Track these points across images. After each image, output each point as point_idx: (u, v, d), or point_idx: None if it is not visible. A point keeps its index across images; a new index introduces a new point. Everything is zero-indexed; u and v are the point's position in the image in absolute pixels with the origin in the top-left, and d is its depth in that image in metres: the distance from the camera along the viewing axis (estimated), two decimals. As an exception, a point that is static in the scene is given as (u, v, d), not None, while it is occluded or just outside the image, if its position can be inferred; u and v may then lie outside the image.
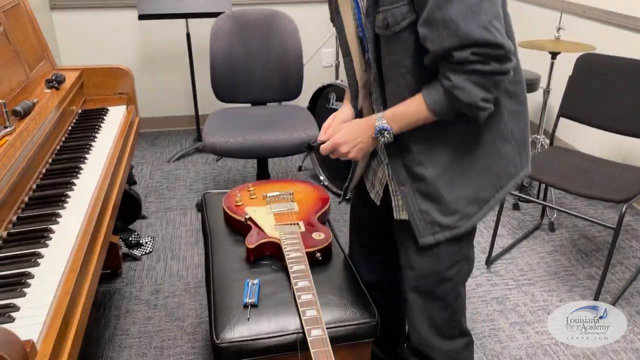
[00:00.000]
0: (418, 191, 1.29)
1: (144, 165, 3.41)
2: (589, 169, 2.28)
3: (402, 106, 1.22)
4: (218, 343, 1.32)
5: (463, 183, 1.27)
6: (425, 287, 1.37)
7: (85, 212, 1.37)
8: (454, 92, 1.12)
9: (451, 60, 1.10)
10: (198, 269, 2.43)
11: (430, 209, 1.28)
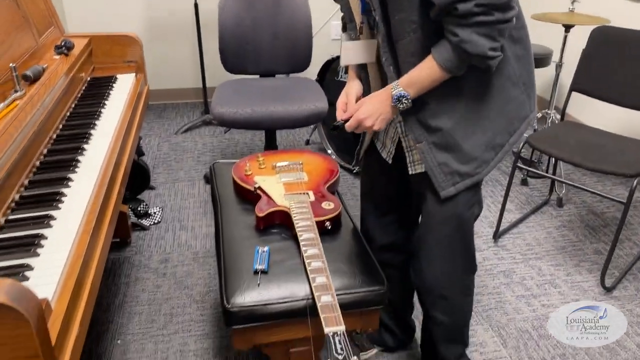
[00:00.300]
0: (435, 144, 1.33)
1: (151, 137, 3.40)
2: (600, 143, 2.26)
3: (416, 70, 1.25)
4: (229, 307, 1.33)
5: (479, 130, 1.31)
6: (444, 230, 1.44)
7: (97, 176, 1.37)
8: (463, 46, 1.15)
9: (455, 13, 1.13)
10: (206, 239, 2.44)
11: (449, 160, 1.33)
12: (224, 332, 1.94)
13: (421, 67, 1.24)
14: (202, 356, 1.84)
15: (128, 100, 1.90)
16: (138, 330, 1.95)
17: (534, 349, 1.89)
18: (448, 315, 1.55)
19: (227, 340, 1.91)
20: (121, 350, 1.86)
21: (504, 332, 1.96)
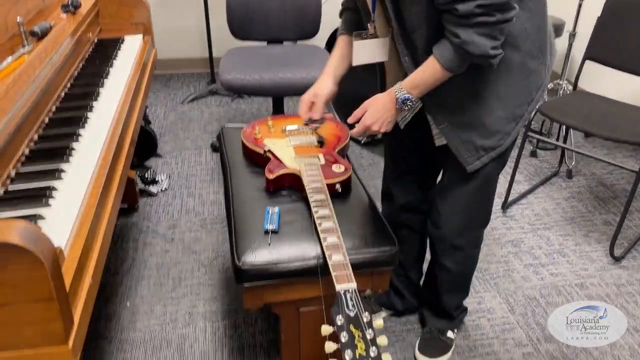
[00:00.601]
0: (457, 124, 1.35)
1: (157, 106, 3.38)
2: (613, 112, 2.23)
3: (419, 72, 1.26)
4: (240, 265, 1.33)
5: (500, 105, 1.32)
6: (471, 185, 1.46)
7: (107, 132, 1.36)
8: (465, 47, 1.16)
9: (456, 14, 1.14)
10: (214, 206, 2.44)
11: (473, 137, 1.35)
12: (232, 296, 1.95)
13: (424, 68, 1.25)
14: (211, 318, 1.85)
15: (136, 61, 1.87)
16: (147, 293, 1.95)
17: (541, 316, 1.89)
18: (458, 265, 1.61)
19: (235, 303, 1.92)
20: (131, 312, 1.87)
21: (512, 300, 1.96)
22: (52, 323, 0.82)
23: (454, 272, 1.62)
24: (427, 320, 1.78)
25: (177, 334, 1.79)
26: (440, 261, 1.62)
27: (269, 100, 3.46)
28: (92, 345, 1.74)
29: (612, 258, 2.15)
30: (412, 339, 1.79)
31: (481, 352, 1.75)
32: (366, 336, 1.14)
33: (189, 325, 1.83)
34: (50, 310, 0.81)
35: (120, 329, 1.81)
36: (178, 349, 1.73)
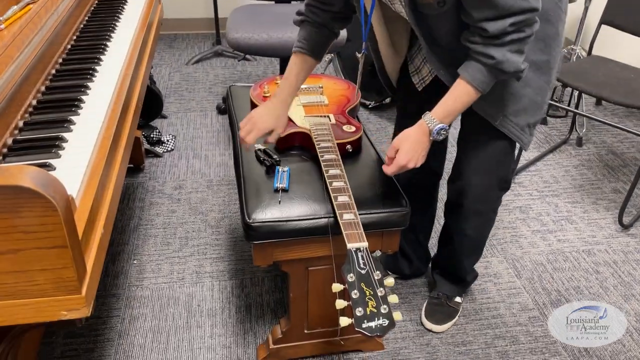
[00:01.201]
0: (486, 98, 1.28)
1: (162, 67, 3.33)
2: (628, 78, 2.19)
3: (450, 100, 1.21)
4: (250, 222, 1.32)
5: (537, 83, 1.31)
6: (497, 147, 1.42)
7: (115, 86, 1.33)
8: (499, 67, 1.13)
9: (485, 34, 1.10)
10: (220, 167, 2.42)
11: (501, 112, 1.33)
12: (239, 256, 1.95)
13: (455, 96, 1.21)
14: (218, 278, 1.86)
15: (143, 16, 1.83)
16: (154, 251, 1.95)
17: (547, 281, 1.89)
18: (477, 229, 1.60)
19: (242, 263, 1.92)
20: (138, 270, 1.87)
21: (519, 265, 1.96)
22: (65, 270, 0.81)
23: (472, 237, 1.61)
24: (437, 284, 1.77)
25: (184, 292, 1.80)
26: (460, 226, 1.59)
27: (275, 63, 3.41)
28: (99, 301, 1.75)
29: (620, 226, 2.14)
30: (419, 301, 1.79)
31: (487, 315, 1.76)
32: (377, 294, 1.13)
33: (196, 283, 1.83)
34: (64, 258, 0.80)
35: (127, 286, 1.81)
36: (185, 307, 1.74)
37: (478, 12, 1.09)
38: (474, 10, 1.10)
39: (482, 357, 1.62)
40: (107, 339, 1.63)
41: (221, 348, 1.61)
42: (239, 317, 1.72)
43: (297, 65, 1.42)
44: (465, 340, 1.66)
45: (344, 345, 1.61)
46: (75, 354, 1.58)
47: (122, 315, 1.71)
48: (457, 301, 1.75)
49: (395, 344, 1.65)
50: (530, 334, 1.70)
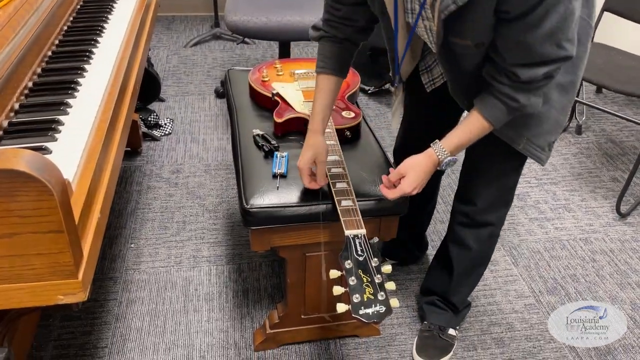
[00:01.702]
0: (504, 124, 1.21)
1: (160, 49, 3.30)
2: (630, 66, 2.17)
3: (463, 133, 1.17)
4: (248, 208, 1.32)
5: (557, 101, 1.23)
6: (508, 164, 1.37)
7: (112, 68, 1.31)
8: (522, 110, 1.12)
9: (516, 78, 1.06)
10: (218, 152, 2.41)
11: (524, 136, 1.26)
12: (236, 241, 1.95)
13: (470, 129, 1.16)
14: (215, 262, 1.86)
15: (140, -2, 1.80)
16: (151, 235, 1.95)
17: (544, 269, 1.90)
18: (481, 243, 1.49)
19: (240, 248, 1.92)
20: (135, 254, 1.87)
21: (516, 252, 1.96)
22: (62, 255, 0.81)
23: (473, 252, 1.50)
24: (428, 315, 1.64)
25: (181, 276, 1.80)
26: (461, 238, 1.49)
27: (274, 47, 3.38)
28: (96, 285, 1.75)
29: (617, 214, 2.14)
30: (415, 288, 1.80)
31: (483, 302, 1.77)
32: (374, 281, 1.13)
33: (193, 268, 1.83)
34: (60, 242, 0.79)
35: (124, 269, 1.81)
36: (183, 291, 1.75)
37: (512, 57, 1.04)
38: (508, 53, 1.04)
39: (477, 343, 1.63)
40: (104, 322, 1.63)
41: (218, 332, 1.62)
42: (236, 301, 1.72)
43: (323, 89, 1.30)
44: (461, 326, 1.67)
45: (340, 330, 1.62)
46: (72, 336, 1.58)
47: (119, 299, 1.71)
48: (452, 334, 1.60)
49: (392, 330, 1.66)
50: (526, 320, 1.71)
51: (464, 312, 1.65)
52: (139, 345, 1.57)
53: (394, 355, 1.59)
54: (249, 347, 1.58)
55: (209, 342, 1.59)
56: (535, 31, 0.98)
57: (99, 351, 1.55)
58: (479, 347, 1.62)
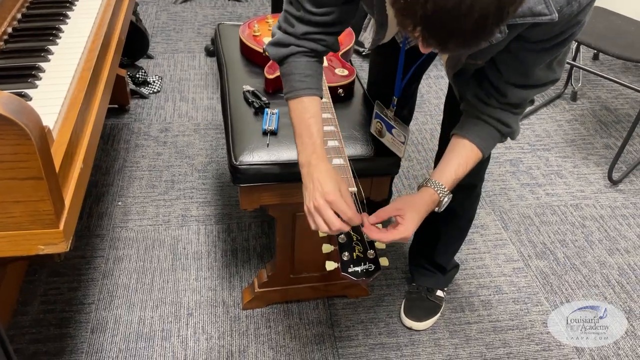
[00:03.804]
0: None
1: (149, 5, 3.19)
2: (629, 31, 2.13)
3: (460, 167, 1.09)
4: (237, 165, 1.29)
5: None
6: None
7: (97, 14, 1.25)
8: (511, 136, 1.11)
9: (504, 101, 1.04)
10: (208, 111, 2.36)
11: None
12: (226, 201, 1.92)
13: (467, 164, 1.09)
14: (204, 222, 1.84)
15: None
16: (139, 194, 1.92)
17: (534, 233, 1.90)
18: (464, 206, 1.46)
19: (229, 208, 1.90)
20: (122, 212, 1.85)
21: (506, 217, 1.96)
22: (42, 203, 0.78)
23: (457, 214, 1.45)
24: (415, 277, 1.63)
25: (169, 235, 1.78)
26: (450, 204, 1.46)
27: (267, 5, 3.29)
28: (83, 242, 1.73)
29: (609, 181, 2.13)
30: (405, 250, 1.79)
31: (472, 265, 1.77)
32: (364, 239, 1.12)
33: (182, 227, 1.81)
34: (39, 190, 0.76)
35: (112, 227, 1.79)
36: (171, 249, 1.73)
37: (509, 74, 1.01)
38: (507, 70, 1.01)
39: (465, 305, 1.64)
40: (90, 279, 1.62)
41: (206, 290, 1.61)
42: (225, 260, 1.71)
43: (316, 114, 1.09)
44: (449, 288, 1.68)
45: (329, 290, 1.61)
46: (58, 292, 1.57)
47: (106, 256, 1.69)
48: (439, 295, 1.60)
49: (380, 291, 1.66)
50: (514, 284, 1.72)
51: (452, 273, 1.65)
52: (125, 302, 1.56)
53: (382, 315, 1.59)
54: (237, 305, 1.58)
55: (197, 300, 1.58)
56: (542, 56, 0.97)
57: (86, 307, 1.54)
58: (467, 308, 1.63)
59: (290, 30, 1.06)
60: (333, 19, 1.05)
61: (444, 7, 0.68)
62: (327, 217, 0.98)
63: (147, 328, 1.50)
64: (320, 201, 0.98)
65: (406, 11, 0.72)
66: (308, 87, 1.08)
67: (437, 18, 0.70)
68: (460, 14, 0.68)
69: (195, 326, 1.52)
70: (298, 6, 1.04)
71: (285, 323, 1.55)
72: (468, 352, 1.51)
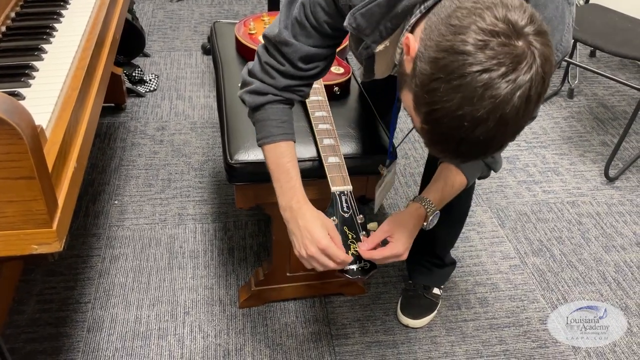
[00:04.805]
0: None
1: (145, 3, 3.18)
2: (625, 28, 2.13)
3: (447, 188, 1.13)
4: (232, 163, 1.29)
5: None
6: None
7: (91, 13, 1.25)
8: (493, 166, 1.14)
9: None
10: (204, 109, 2.36)
11: None
12: (223, 200, 1.92)
13: (453, 185, 1.12)
14: (201, 220, 1.83)
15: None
16: (135, 192, 1.92)
17: (530, 231, 1.90)
18: (460, 200, 1.40)
19: (226, 207, 1.90)
20: (119, 211, 1.84)
21: (503, 214, 1.96)
22: (34, 203, 0.77)
23: (451, 209, 1.39)
24: (412, 274, 1.63)
25: (166, 234, 1.78)
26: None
27: (264, 3, 3.28)
28: (79, 241, 1.73)
29: (606, 178, 2.14)
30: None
31: (469, 262, 1.77)
32: (360, 237, 1.12)
33: (178, 225, 1.81)
34: (32, 189, 0.76)
35: (108, 226, 1.79)
36: (167, 248, 1.73)
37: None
38: None
39: (461, 302, 1.64)
40: (87, 278, 1.62)
41: (203, 289, 1.61)
42: (222, 259, 1.71)
43: (293, 158, 1.11)
44: (446, 285, 1.68)
45: (325, 288, 1.61)
46: (55, 291, 1.57)
47: (103, 255, 1.69)
48: (436, 293, 1.60)
49: (377, 289, 1.67)
50: (510, 281, 1.72)
51: (449, 270, 1.65)
52: (122, 301, 1.56)
53: (379, 313, 1.59)
54: (234, 304, 1.58)
55: (194, 298, 1.58)
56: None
57: (82, 306, 1.54)
58: (463, 306, 1.63)
59: (270, 81, 1.08)
60: (319, 71, 1.09)
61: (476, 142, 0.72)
62: (323, 262, 1.03)
63: (144, 327, 1.50)
64: (312, 249, 1.03)
65: (440, 145, 0.76)
66: (284, 132, 1.11)
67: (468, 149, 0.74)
68: (488, 147, 0.74)
69: (192, 325, 1.52)
70: (283, 61, 1.05)
71: (281, 321, 1.55)
72: (464, 349, 1.52)
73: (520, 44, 0.67)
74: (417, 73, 0.73)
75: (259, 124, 1.12)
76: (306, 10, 0.99)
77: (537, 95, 0.69)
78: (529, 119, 0.73)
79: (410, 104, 0.77)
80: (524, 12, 0.68)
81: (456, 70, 0.67)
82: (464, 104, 0.67)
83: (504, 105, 0.67)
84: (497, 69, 0.66)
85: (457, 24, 0.68)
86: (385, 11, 0.88)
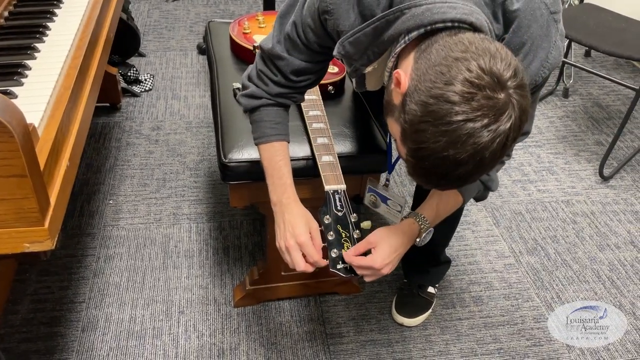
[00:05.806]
0: None
1: (140, 3, 3.18)
2: (620, 28, 2.14)
3: (442, 205, 1.14)
4: (226, 162, 1.29)
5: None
6: None
7: (84, 12, 1.25)
8: (490, 185, 1.14)
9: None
10: (200, 109, 2.35)
11: None
12: (218, 200, 1.92)
13: (448, 202, 1.13)
14: (196, 220, 1.83)
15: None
16: (130, 192, 1.92)
17: (525, 230, 1.90)
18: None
19: (221, 207, 1.90)
20: (113, 210, 1.84)
21: (498, 213, 1.96)
22: (26, 201, 0.77)
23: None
24: (407, 273, 1.64)
25: (161, 233, 1.77)
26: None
27: (259, 3, 3.28)
28: (74, 240, 1.72)
29: (600, 177, 2.14)
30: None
31: (463, 261, 1.78)
32: (353, 236, 1.12)
33: (173, 225, 1.81)
34: (23, 187, 0.76)
35: (103, 226, 1.78)
36: (162, 248, 1.73)
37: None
38: None
39: (456, 301, 1.65)
40: (81, 277, 1.61)
41: (198, 288, 1.61)
42: (217, 259, 1.71)
43: (285, 157, 1.15)
44: (441, 285, 1.68)
45: (320, 287, 1.61)
46: (49, 291, 1.56)
47: (97, 254, 1.69)
48: (431, 292, 1.60)
49: (372, 288, 1.67)
50: (505, 280, 1.72)
51: (443, 268, 1.65)
52: (117, 301, 1.56)
53: (374, 312, 1.60)
54: (229, 303, 1.58)
55: (189, 297, 1.58)
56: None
57: (77, 306, 1.54)
58: (458, 305, 1.64)
59: (264, 87, 1.13)
60: (311, 82, 1.14)
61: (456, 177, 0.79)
62: (294, 258, 1.06)
63: (138, 326, 1.50)
64: (290, 242, 1.06)
65: (423, 178, 0.82)
66: (278, 133, 1.15)
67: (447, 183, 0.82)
68: (465, 181, 0.81)
69: (187, 324, 1.52)
70: (276, 72, 1.10)
71: (276, 320, 1.55)
72: (459, 347, 1.52)
73: (502, 97, 0.73)
74: (407, 110, 0.78)
75: (255, 124, 1.17)
76: (297, 29, 1.04)
77: (512, 139, 0.76)
78: (502, 157, 0.80)
79: (397, 135, 0.83)
80: (509, 65, 0.74)
81: (444, 117, 0.73)
82: (449, 147, 0.74)
83: (484, 150, 0.74)
84: (480, 120, 0.72)
85: (447, 73, 0.73)
86: (372, 40, 0.92)
